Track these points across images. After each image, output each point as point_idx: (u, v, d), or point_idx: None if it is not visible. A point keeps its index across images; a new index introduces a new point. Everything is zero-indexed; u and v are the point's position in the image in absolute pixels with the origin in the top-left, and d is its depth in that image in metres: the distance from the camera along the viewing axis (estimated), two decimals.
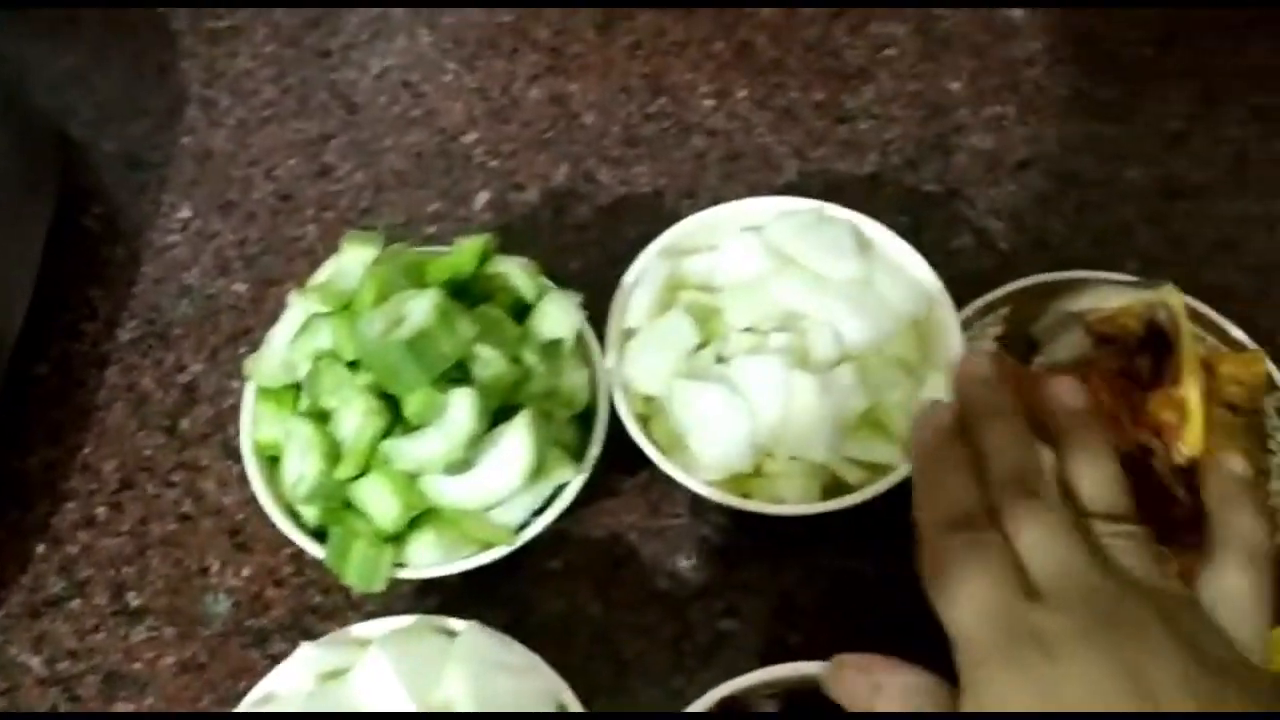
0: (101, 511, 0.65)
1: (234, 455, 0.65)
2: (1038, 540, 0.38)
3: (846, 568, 0.62)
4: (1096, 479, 0.42)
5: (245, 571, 0.63)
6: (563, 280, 0.61)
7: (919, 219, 0.73)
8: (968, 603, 0.37)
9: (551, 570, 0.62)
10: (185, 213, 0.76)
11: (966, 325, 0.63)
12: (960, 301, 0.63)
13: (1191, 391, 0.55)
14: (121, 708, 0.59)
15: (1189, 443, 0.55)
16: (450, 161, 0.77)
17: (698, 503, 0.63)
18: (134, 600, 0.62)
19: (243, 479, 0.64)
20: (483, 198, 0.76)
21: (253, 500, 0.63)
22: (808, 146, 0.77)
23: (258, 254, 0.74)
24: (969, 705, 0.36)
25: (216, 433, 0.67)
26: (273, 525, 0.62)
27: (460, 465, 0.51)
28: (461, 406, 0.50)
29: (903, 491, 0.59)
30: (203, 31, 0.85)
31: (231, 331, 0.71)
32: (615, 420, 0.59)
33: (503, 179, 0.76)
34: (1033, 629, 0.35)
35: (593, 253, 0.73)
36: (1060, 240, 0.72)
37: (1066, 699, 0.33)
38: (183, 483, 0.66)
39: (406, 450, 0.51)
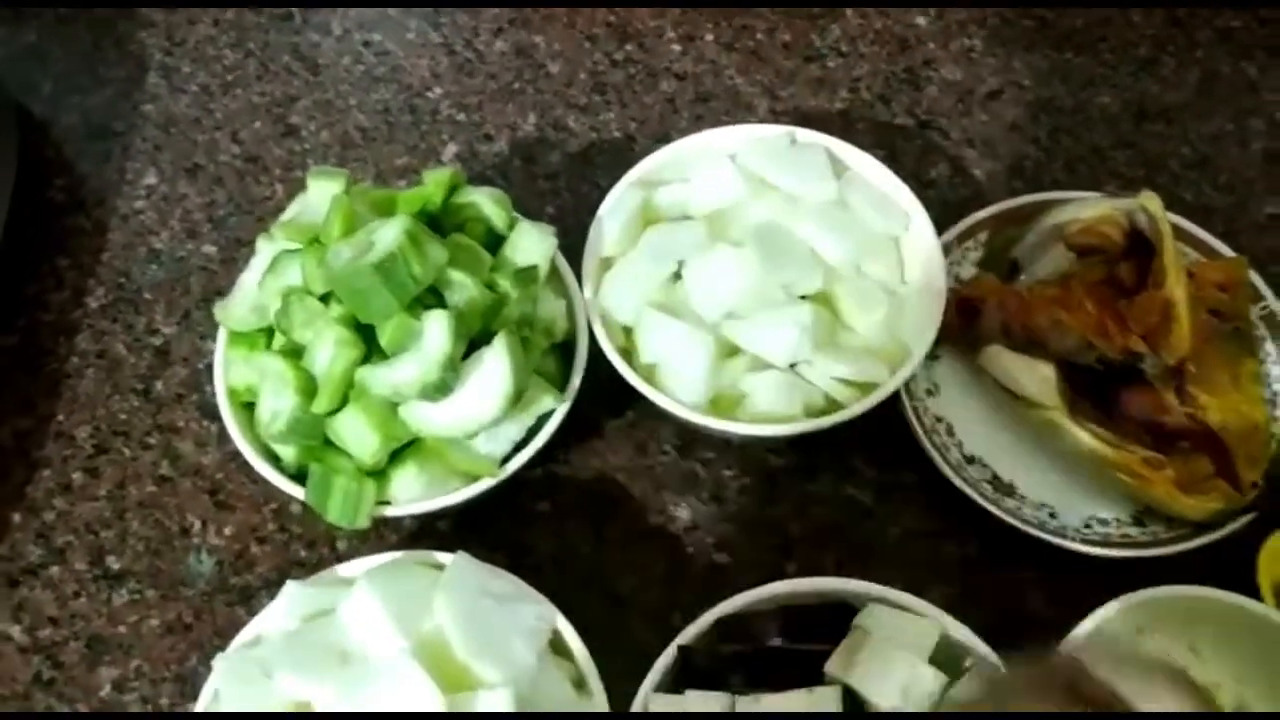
0: (78, 477, 0.64)
1: (210, 415, 0.64)
2: None
3: (841, 496, 0.61)
4: None
5: (227, 530, 0.62)
6: None
7: (893, 151, 0.73)
8: None
9: (542, 512, 0.61)
10: (151, 179, 0.75)
11: (946, 251, 0.62)
12: (940, 229, 0.63)
13: (1176, 291, 0.55)
14: (106, 673, 0.58)
15: (1176, 343, 0.55)
16: (417, 116, 0.77)
17: (685, 439, 0.63)
18: (114, 564, 0.61)
19: (221, 438, 0.64)
20: (451, 150, 0.75)
21: (232, 459, 0.63)
22: (778, 86, 0.77)
23: (226, 215, 0.73)
24: None
25: (191, 393, 0.66)
26: (254, 482, 0.62)
27: (439, 388, 0.50)
28: (437, 328, 0.49)
29: (897, 418, 0.59)
30: None
31: (203, 293, 0.70)
32: (597, 359, 0.58)
33: (470, 130, 0.76)
34: None
35: (565, 198, 0.72)
36: (1035, 166, 0.73)
37: None
38: (159, 444, 0.65)
39: (383, 376, 0.50)
